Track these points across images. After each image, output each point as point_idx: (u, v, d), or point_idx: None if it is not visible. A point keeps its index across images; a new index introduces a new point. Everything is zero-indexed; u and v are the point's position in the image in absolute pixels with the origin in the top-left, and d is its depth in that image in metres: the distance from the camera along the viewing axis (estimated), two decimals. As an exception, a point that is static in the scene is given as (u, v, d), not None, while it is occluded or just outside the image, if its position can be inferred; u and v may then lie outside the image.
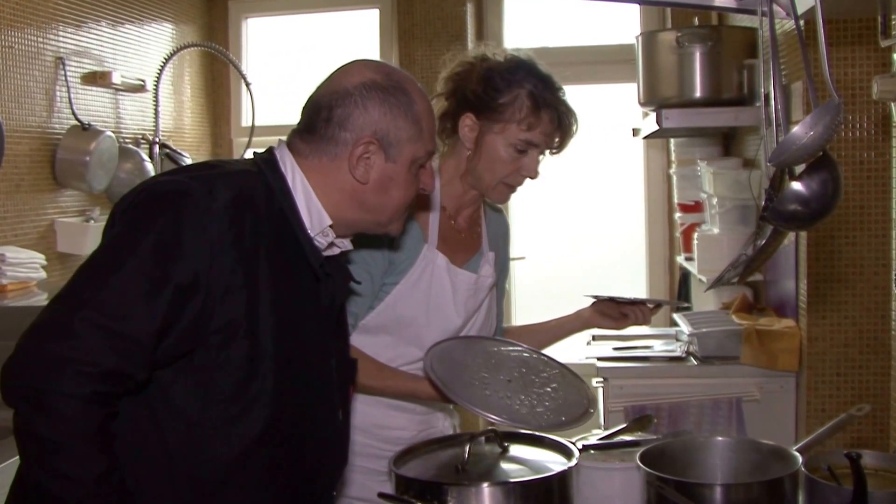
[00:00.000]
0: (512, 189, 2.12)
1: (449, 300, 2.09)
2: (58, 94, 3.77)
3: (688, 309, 4.00)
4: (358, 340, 2.04)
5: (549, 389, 1.93)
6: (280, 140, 1.63)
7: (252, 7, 5.18)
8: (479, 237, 2.22)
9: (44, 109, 3.69)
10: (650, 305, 2.32)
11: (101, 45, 4.12)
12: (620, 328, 2.33)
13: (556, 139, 2.07)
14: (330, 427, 1.64)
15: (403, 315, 2.07)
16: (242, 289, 1.44)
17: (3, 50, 3.45)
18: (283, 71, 5.10)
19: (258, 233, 1.47)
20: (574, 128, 2.08)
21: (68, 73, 3.80)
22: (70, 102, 3.78)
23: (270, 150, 1.61)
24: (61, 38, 3.81)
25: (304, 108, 1.61)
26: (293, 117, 1.66)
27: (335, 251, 1.64)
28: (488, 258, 2.20)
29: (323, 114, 1.56)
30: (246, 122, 5.02)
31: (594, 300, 2.33)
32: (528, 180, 2.12)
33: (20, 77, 3.55)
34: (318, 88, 1.61)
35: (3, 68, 3.45)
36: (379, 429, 2.10)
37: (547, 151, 2.09)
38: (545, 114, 2.02)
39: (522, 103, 2.01)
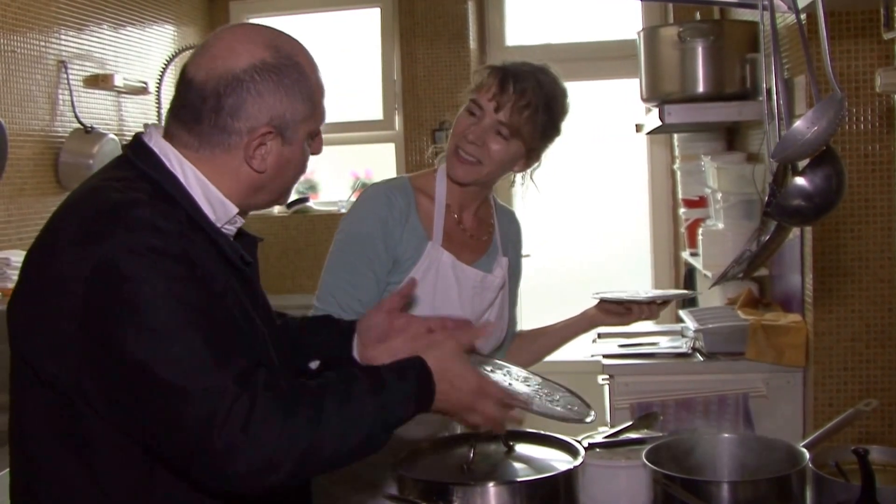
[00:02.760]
0: (462, 161, 2.06)
1: (454, 297, 2.09)
2: (60, 97, 3.77)
3: (693, 298, 4.00)
4: None
5: (557, 397, 1.93)
6: (147, 126, 1.50)
7: (253, 7, 5.18)
8: (489, 239, 2.21)
9: (46, 113, 3.69)
10: (658, 302, 2.31)
11: (103, 48, 4.12)
12: (627, 324, 2.32)
13: (508, 98, 2.02)
14: None
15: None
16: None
17: (6, 54, 3.45)
18: (284, 71, 5.08)
19: (201, 252, 1.38)
20: (532, 91, 2.02)
21: (70, 77, 3.80)
22: (73, 105, 3.78)
23: (144, 147, 1.45)
24: (63, 42, 3.81)
25: (179, 88, 1.46)
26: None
27: (232, 230, 1.54)
28: (501, 262, 2.20)
29: (210, 102, 1.41)
30: (248, 122, 5.01)
31: (599, 300, 2.32)
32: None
33: (23, 81, 3.55)
34: (198, 67, 1.43)
35: (6, 72, 3.45)
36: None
37: (499, 123, 2.03)
38: (497, 75, 2.04)
39: (482, 70, 2.07)
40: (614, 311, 2.29)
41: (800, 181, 1.77)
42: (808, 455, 1.70)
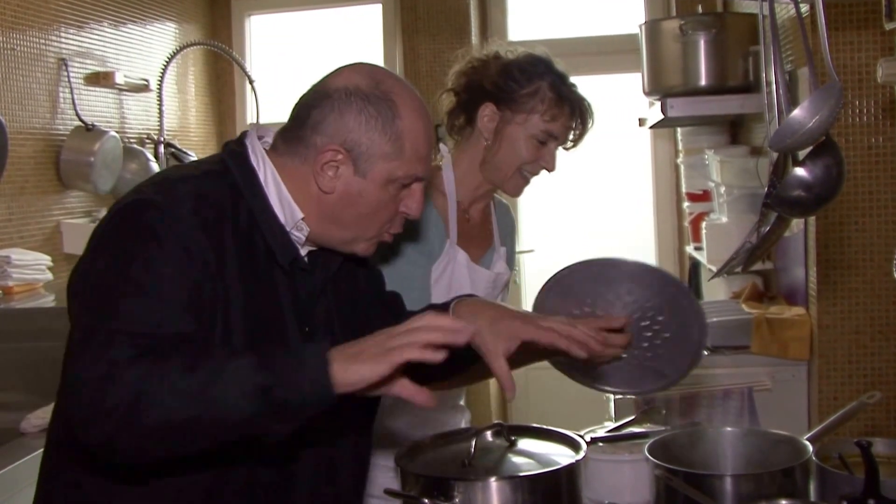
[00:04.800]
0: (527, 181, 2.12)
1: None
2: (61, 95, 3.76)
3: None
4: None
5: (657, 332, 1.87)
6: (252, 125, 1.58)
7: (255, 4, 5.17)
8: (490, 232, 2.21)
9: (47, 111, 3.69)
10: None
11: (104, 46, 4.11)
12: None
13: (576, 132, 2.10)
14: (334, 446, 1.61)
15: None
16: (218, 295, 1.39)
17: (6, 52, 3.45)
18: (286, 68, 5.09)
19: (223, 234, 1.40)
20: (591, 122, 2.11)
21: (71, 74, 3.79)
22: (73, 103, 3.77)
23: (241, 142, 1.53)
24: (63, 40, 3.81)
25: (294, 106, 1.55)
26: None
27: (301, 238, 1.52)
28: (500, 253, 2.20)
29: (302, 113, 1.48)
30: (251, 119, 5.01)
31: None
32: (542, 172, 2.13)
33: (23, 79, 3.54)
34: (311, 87, 1.52)
35: (6, 70, 3.45)
36: (389, 428, 2.09)
37: (562, 146, 2.11)
38: (566, 106, 2.05)
39: (545, 95, 2.04)
40: None
41: (799, 171, 1.76)
42: (811, 448, 1.69)
